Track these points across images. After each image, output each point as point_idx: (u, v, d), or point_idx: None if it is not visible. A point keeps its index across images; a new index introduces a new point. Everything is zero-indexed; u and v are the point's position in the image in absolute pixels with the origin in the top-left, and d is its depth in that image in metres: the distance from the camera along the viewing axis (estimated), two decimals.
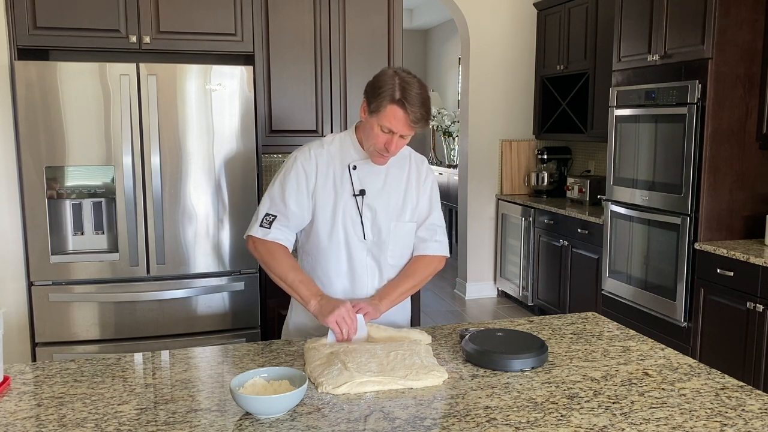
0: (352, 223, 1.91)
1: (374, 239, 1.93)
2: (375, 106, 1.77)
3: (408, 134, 1.81)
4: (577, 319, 2.06)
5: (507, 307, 5.54)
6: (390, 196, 1.94)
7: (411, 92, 1.74)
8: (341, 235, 1.92)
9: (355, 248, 1.93)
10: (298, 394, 1.36)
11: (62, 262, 2.82)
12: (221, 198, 2.94)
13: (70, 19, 2.82)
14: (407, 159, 2.00)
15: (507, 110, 5.71)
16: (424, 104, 1.76)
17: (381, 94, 1.75)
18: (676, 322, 3.62)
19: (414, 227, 1.99)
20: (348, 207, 1.90)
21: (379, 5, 3.38)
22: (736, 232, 3.53)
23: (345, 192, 1.90)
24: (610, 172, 4.19)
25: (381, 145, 1.81)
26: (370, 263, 1.95)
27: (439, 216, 2.03)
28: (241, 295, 3.00)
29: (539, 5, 5.53)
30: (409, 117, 1.75)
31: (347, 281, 1.95)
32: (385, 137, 1.80)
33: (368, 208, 1.92)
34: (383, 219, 1.93)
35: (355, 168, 1.91)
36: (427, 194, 2.01)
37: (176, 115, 2.84)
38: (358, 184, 1.91)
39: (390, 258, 1.96)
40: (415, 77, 1.79)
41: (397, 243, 1.96)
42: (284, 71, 3.29)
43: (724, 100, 3.40)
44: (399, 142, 1.81)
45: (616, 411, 1.38)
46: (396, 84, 1.74)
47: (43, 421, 1.34)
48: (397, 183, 1.96)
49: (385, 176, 1.94)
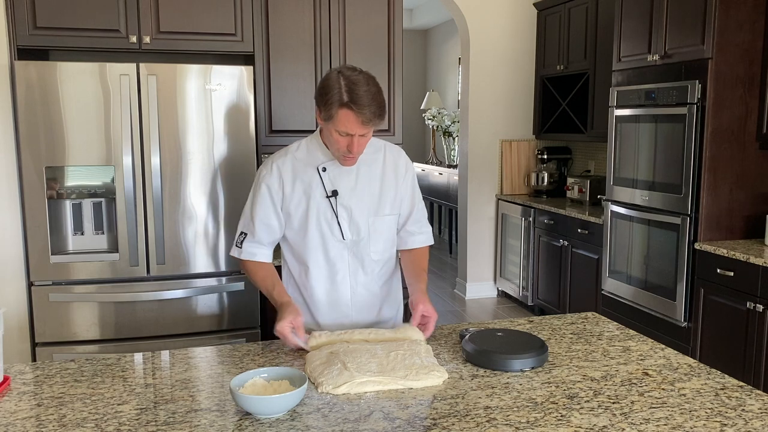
0: (328, 224, 1.91)
1: (354, 238, 1.93)
2: (326, 114, 1.76)
3: (366, 132, 1.79)
4: (577, 319, 2.06)
5: (507, 307, 5.54)
6: (364, 192, 1.93)
7: (358, 92, 1.71)
8: (316, 238, 1.92)
9: (333, 249, 1.93)
10: (298, 394, 1.36)
11: (62, 262, 2.81)
12: (221, 198, 2.94)
13: (70, 19, 2.82)
14: (381, 151, 1.98)
15: (507, 110, 5.71)
16: (374, 100, 1.73)
17: (329, 101, 1.74)
18: (676, 322, 3.62)
19: (394, 219, 2.00)
20: (322, 208, 1.90)
21: (379, 5, 3.38)
22: (736, 232, 3.53)
23: (316, 194, 1.90)
24: (610, 172, 4.19)
25: (344, 148, 1.80)
26: (352, 262, 1.95)
27: (422, 206, 2.06)
28: (241, 295, 3.00)
29: (539, 5, 5.53)
30: (359, 118, 1.73)
31: (328, 282, 1.95)
32: (345, 140, 1.78)
33: (343, 207, 1.91)
34: (360, 217, 1.92)
35: (325, 170, 1.90)
36: (408, 186, 2.01)
37: (176, 115, 2.84)
38: (330, 185, 1.90)
39: (373, 254, 1.96)
40: (361, 73, 1.76)
41: (378, 238, 1.96)
42: (284, 71, 3.29)
43: (724, 100, 3.40)
44: (360, 140, 1.80)
45: (616, 411, 1.38)
46: (342, 86, 1.72)
47: (43, 421, 1.34)
48: (371, 178, 1.94)
49: (356, 174, 1.92)
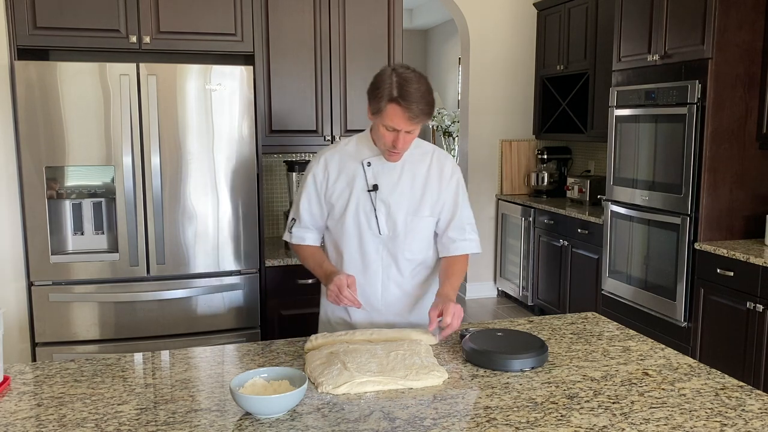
0: (366, 217, 1.96)
1: (390, 234, 1.97)
2: (375, 107, 1.82)
3: (412, 129, 1.84)
4: (577, 319, 2.06)
5: (507, 307, 5.54)
6: (405, 191, 1.97)
7: (408, 88, 1.77)
8: (354, 229, 1.97)
9: (369, 242, 1.97)
10: (298, 394, 1.36)
11: (62, 262, 2.81)
12: (221, 198, 2.94)
13: (70, 19, 2.81)
14: (429, 155, 2.03)
15: (507, 110, 5.70)
16: (423, 98, 1.78)
17: (379, 95, 1.80)
18: (676, 322, 3.62)
19: (433, 222, 2.02)
20: (362, 201, 1.96)
21: (379, 5, 3.38)
22: (736, 232, 3.53)
23: (358, 187, 1.96)
24: (610, 172, 4.19)
25: (389, 143, 1.86)
26: (385, 257, 1.99)
27: (467, 214, 2.05)
28: (241, 295, 3.00)
29: (539, 5, 5.52)
30: (407, 114, 1.77)
31: (360, 274, 1.98)
32: (391, 135, 1.84)
33: (382, 202, 1.96)
34: (398, 213, 1.96)
35: (369, 164, 1.96)
36: (452, 192, 2.02)
37: (176, 115, 2.84)
38: (372, 179, 1.96)
39: (407, 252, 1.99)
40: (413, 72, 1.82)
41: (414, 237, 1.99)
42: (284, 71, 3.29)
43: (724, 100, 3.40)
44: (406, 137, 1.85)
45: (616, 411, 1.38)
46: (393, 82, 1.78)
47: (43, 421, 1.34)
48: (414, 178, 1.98)
49: (400, 172, 1.97)
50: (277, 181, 3.66)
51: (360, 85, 3.40)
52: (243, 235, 2.98)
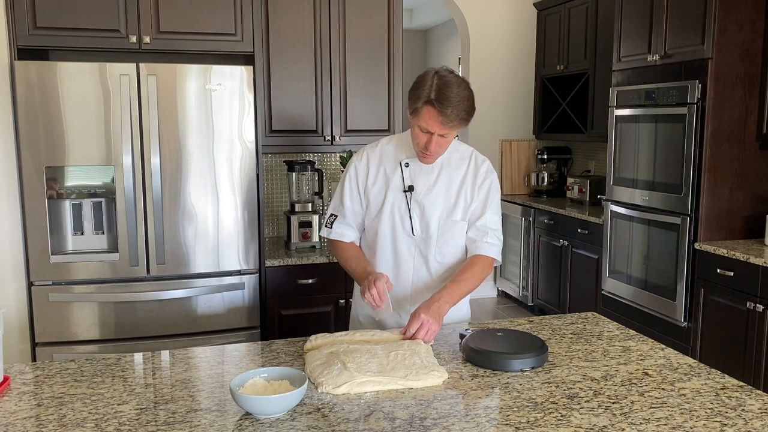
0: (401, 217, 1.97)
1: (422, 235, 1.98)
2: (413, 107, 1.83)
3: (447, 133, 1.83)
4: (577, 319, 2.06)
5: (507, 307, 5.54)
6: (440, 194, 1.97)
7: (446, 92, 1.76)
8: (388, 227, 1.98)
9: (402, 242, 1.98)
10: (298, 394, 1.36)
11: (62, 262, 2.81)
12: (221, 198, 2.94)
13: (70, 19, 2.81)
14: (467, 159, 2.03)
15: (507, 110, 5.71)
16: (462, 103, 1.78)
17: (418, 96, 1.80)
18: (676, 322, 3.62)
19: (465, 226, 2.01)
20: (397, 201, 1.97)
21: (379, 5, 3.38)
22: (736, 232, 3.53)
23: (395, 187, 1.97)
24: (610, 172, 4.19)
25: (422, 144, 1.86)
26: (417, 257, 2.00)
27: (492, 219, 2.01)
28: (241, 295, 3.00)
29: (539, 5, 5.52)
30: (440, 117, 1.77)
31: (391, 273, 1.99)
32: (424, 137, 1.85)
33: (416, 203, 1.97)
34: (432, 216, 1.97)
35: (408, 165, 1.98)
36: (482, 195, 2.01)
37: (176, 115, 2.84)
38: (408, 180, 1.97)
39: (438, 254, 1.99)
40: (456, 77, 1.82)
41: (447, 241, 1.99)
42: (284, 71, 3.29)
43: (724, 100, 3.40)
44: (439, 140, 1.85)
45: (616, 411, 1.38)
46: (433, 84, 1.78)
47: (43, 421, 1.34)
48: (450, 182, 1.99)
49: (437, 174, 1.98)
50: (277, 181, 3.67)
51: (360, 84, 3.40)
52: (243, 235, 2.98)
